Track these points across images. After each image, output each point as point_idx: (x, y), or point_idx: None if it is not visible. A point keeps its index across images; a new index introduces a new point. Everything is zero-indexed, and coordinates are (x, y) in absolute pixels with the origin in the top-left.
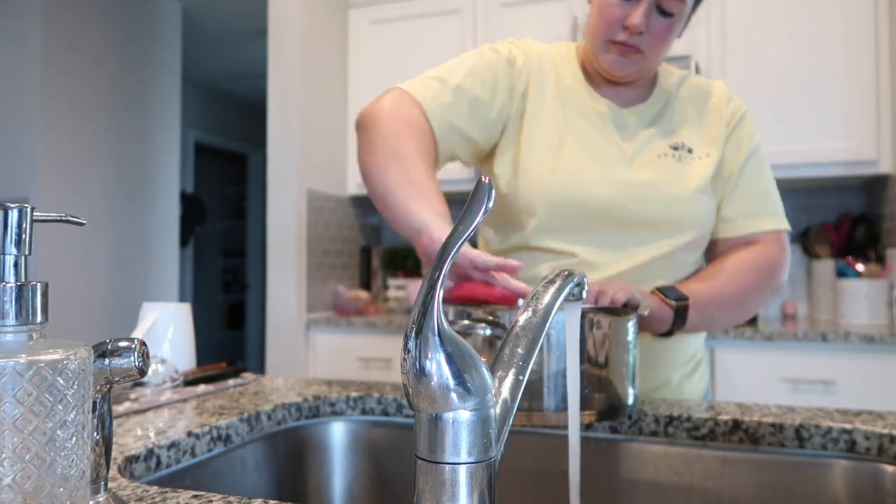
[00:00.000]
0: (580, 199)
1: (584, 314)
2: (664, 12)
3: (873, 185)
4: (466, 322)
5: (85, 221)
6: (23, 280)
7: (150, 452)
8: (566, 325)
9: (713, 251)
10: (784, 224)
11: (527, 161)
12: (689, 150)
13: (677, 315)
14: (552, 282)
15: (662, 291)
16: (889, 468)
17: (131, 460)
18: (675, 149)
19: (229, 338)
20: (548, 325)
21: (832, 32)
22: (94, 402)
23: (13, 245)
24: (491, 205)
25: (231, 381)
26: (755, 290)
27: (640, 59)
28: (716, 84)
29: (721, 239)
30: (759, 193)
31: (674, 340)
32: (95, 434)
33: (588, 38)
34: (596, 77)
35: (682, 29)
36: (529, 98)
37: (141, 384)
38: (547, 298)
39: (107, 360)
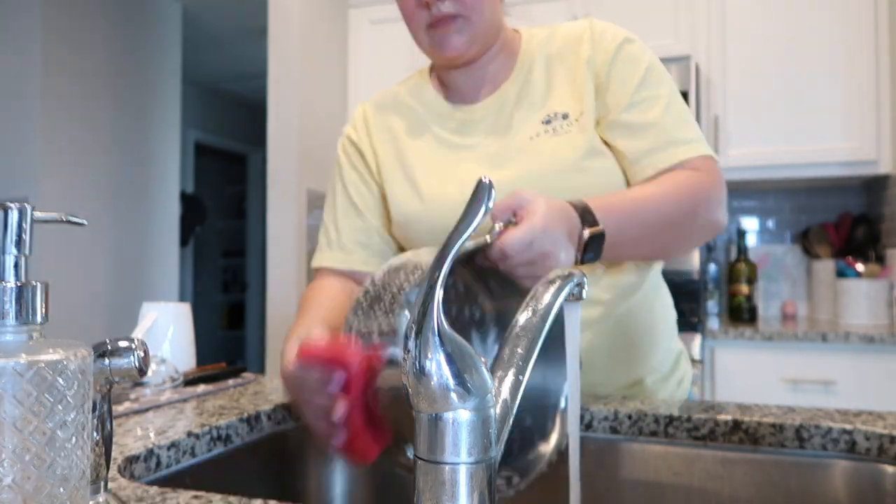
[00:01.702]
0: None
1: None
2: None
3: (873, 185)
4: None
5: (85, 221)
6: (23, 280)
7: (150, 452)
8: (566, 326)
9: None
10: (705, 149)
11: (392, 207)
12: (564, 116)
13: (582, 220)
14: (552, 282)
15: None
16: (889, 468)
17: (131, 460)
18: (548, 122)
19: (229, 338)
20: (547, 326)
21: (832, 32)
22: (94, 402)
23: (13, 245)
24: (491, 204)
25: (231, 381)
26: (681, 211)
27: (464, 25)
28: (584, 23)
29: (635, 184)
30: (664, 122)
31: (639, 335)
32: (95, 434)
33: (415, 41)
34: (447, 77)
35: None
36: (381, 160)
37: (141, 384)
38: (547, 298)
39: (107, 360)
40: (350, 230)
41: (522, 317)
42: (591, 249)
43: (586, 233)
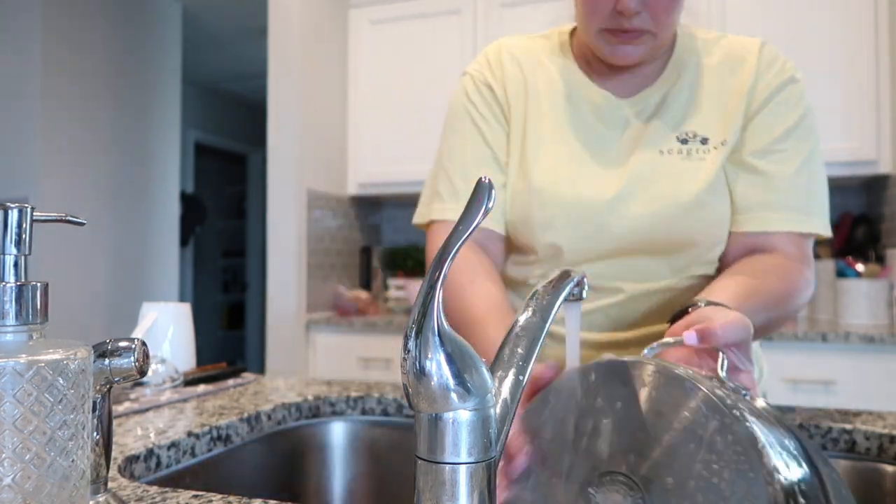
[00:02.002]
0: (554, 217)
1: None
2: None
3: (873, 185)
4: None
5: (85, 221)
6: (23, 280)
7: (150, 452)
8: (566, 325)
9: (724, 255)
10: (815, 227)
11: (513, 179)
12: (704, 141)
13: None
14: (552, 282)
15: (686, 311)
16: (889, 468)
17: (131, 460)
18: (684, 141)
19: (229, 338)
20: (547, 326)
21: (832, 32)
22: (94, 402)
23: (13, 245)
24: (491, 205)
25: (231, 381)
26: (792, 295)
27: (648, 40)
28: (753, 44)
29: (734, 232)
30: (790, 182)
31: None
32: (95, 434)
33: (580, 28)
34: (596, 64)
35: None
36: (513, 116)
37: (141, 384)
38: (547, 298)
39: (107, 360)
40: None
41: (522, 317)
42: None
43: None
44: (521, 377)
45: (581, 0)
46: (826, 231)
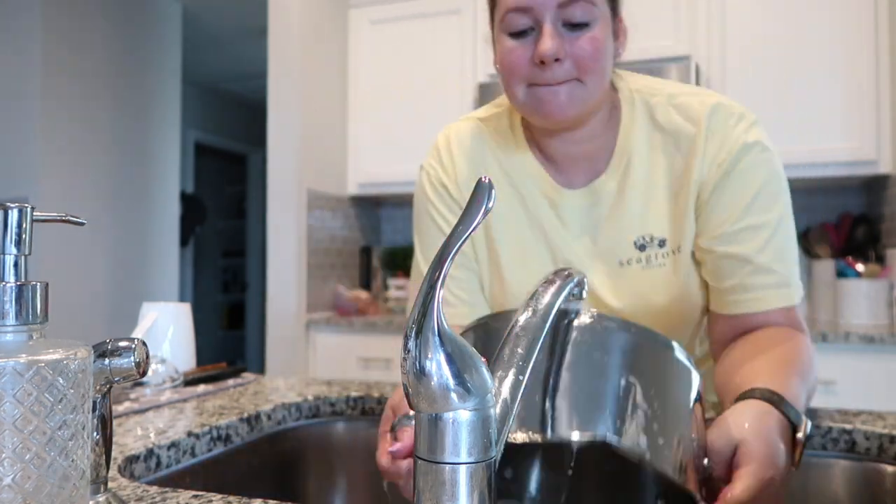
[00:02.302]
0: None
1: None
2: (575, 24)
3: (873, 185)
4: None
5: (85, 221)
6: (23, 280)
7: (150, 452)
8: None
9: (709, 326)
10: (797, 297)
11: (488, 281)
12: (661, 244)
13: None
14: (552, 282)
15: (795, 424)
16: (889, 468)
17: (131, 460)
18: (642, 248)
19: (229, 338)
20: (547, 326)
21: (832, 32)
22: (94, 402)
23: (13, 245)
24: (491, 205)
25: (231, 381)
26: (807, 378)
27: (576, 89)
28: (699, 107)
29: (716, 314)
30: (762, 258)
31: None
32: (95, 434)
33: (510, 99)
34: (543, 140)
35: (616, 34)
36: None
37: (141, 384)
38: (547, 298)
39: (107, 360)
40: (464, 283)
41: (522, 317)
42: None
43: (801, 436)
44: (521, 377)
45: (500, 66)
46: (797, 296)
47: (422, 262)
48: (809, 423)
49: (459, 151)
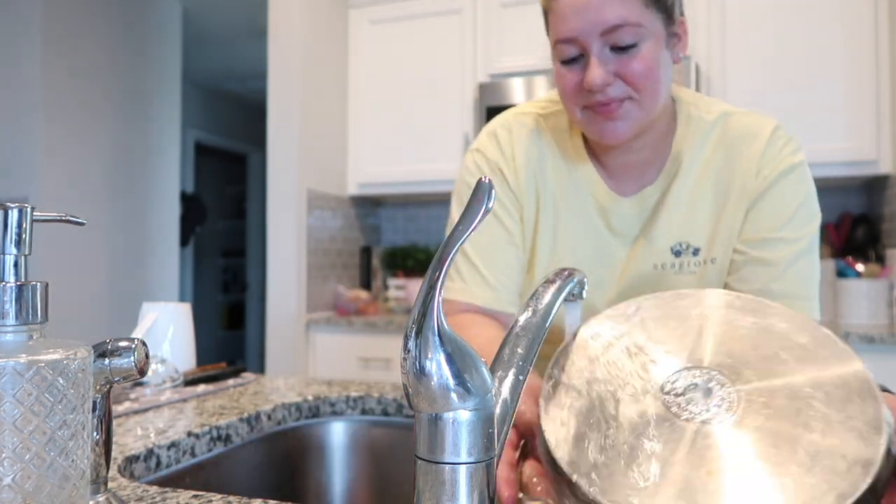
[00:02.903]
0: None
1: None
2: (622, 48)
3: (873, 185)
4: None
5: (85, 221)
6: (23, 280)
7: (150, 452)
8: (566, 326)
9: None
10: (816, 312)
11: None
12: (695, 252)
13: None
14: (552, 282)
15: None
16: None
17: (131, 460)
18: (678, 253)
19: (229, 338)
20: (547, 326)
21: (832, 32)
22: (94, 402)
23: (13, 245)
24: (491, 205)
25: (231, 381)
26: None
27: (632, 108)
28: (762, 128)
29: None
30: (788, 269)
31: None
32: (95, 434)
33: (569, 115)
34: (598, 152)
35: (672, 42)
36: (525, 208)
37: (141, 384)
38: (547, 298)
39: (107, 360)
40: (498, 265)
41: (522, 317)
42: None
43: None
44: (521, 377)
45: (557, 88)
46: (820, 315)
47: (469, 250)
48: None
49: (519, 143)
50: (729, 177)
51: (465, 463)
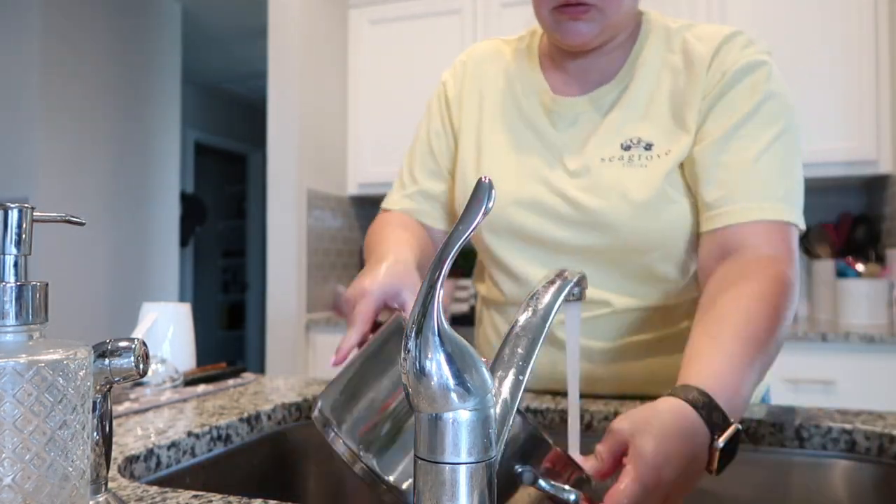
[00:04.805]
0: (506, 222)
1: None
2: None
3: (873, 185)
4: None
5: (85, 221)
6: (23, 280)
7: (150, 452)
8: (566, 326)
9: (699, 251)
10: (790, 215)
11: (457, 181)
12: (647, 147)
13: (710, 424)
14: (552, 282)
15: (701, 418)
16: (889, 468)
17: (131, 460)
18: (627, 147)
19: (229, 338)
20: (547, 326)
21: (832, 32)
22: (94, 402)
23: (13, 245)
24: (491, 205)
25: (231, 381)
26: (773, 334)
27: (597, 16)
28: (716, 32)
29: (703, 234)
30: (755, 168)
31: None
32: (95, 434)
33: (537, 19)
34: (559, 57)
35: None
36: (463, 118)
37: (141, 384)
38: (547, 298)
39: (107, 360)
40: (425, 183)
41: (522, 317)
42: (729, 450)
43: (720, 442)
44: (521, 377)
45: None
46: (795, 219)
47: (405, 162)
48: (736, 427)
49: (473, 64)
50: (686, 80)
51: (465, 463)
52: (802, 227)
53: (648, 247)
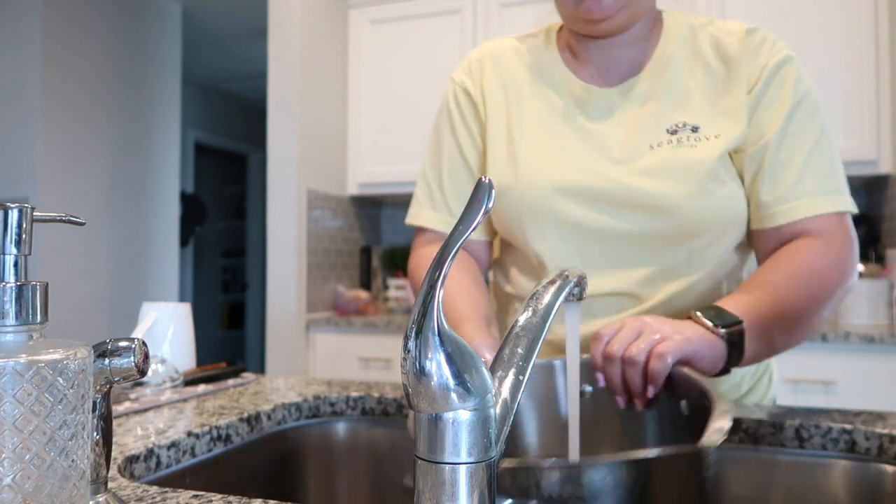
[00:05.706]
0: (548, 209)
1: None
2: None
3: (873, 185)
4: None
5: (85, 221)
6: (23, 280)
7: (150, 452)
8: (566, 326)
9: (756, 249)
10: (844, 204)
11: (488, 169)
12: (694, 129)
13: (731, 346)
14: (552, 282)
15: (704, 316)
16: (889, 468)
17: (131, 460)
18: (673, 132)
19: (229, 338)
20: (547, 326)
21: (832, 32)
22: (94, 402)
23: (13, 245)
24: (491, 205)
25: (231, 381)
26: (821, 301)
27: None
28: (740, 29)
29: (760, 231)
30: (807, 165)
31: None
32: (95, 434)
33: (558, 8)
34: (581, 50)
35: None
36: (489, 114)
37: (141, 384)
38: (547, 298)
39: (107, 360)
40: (457, 192)
41: (522, 317)
42: (735, 348)
43: (722, 330)
44: (521, 377)
45: None
46: (852, 206)
47: (427, 169)
48: (741, 327)
49: (490, 59)
50: (723, 69)
51: (465, 463)
52: (855, 210)
53: (701, 229)
